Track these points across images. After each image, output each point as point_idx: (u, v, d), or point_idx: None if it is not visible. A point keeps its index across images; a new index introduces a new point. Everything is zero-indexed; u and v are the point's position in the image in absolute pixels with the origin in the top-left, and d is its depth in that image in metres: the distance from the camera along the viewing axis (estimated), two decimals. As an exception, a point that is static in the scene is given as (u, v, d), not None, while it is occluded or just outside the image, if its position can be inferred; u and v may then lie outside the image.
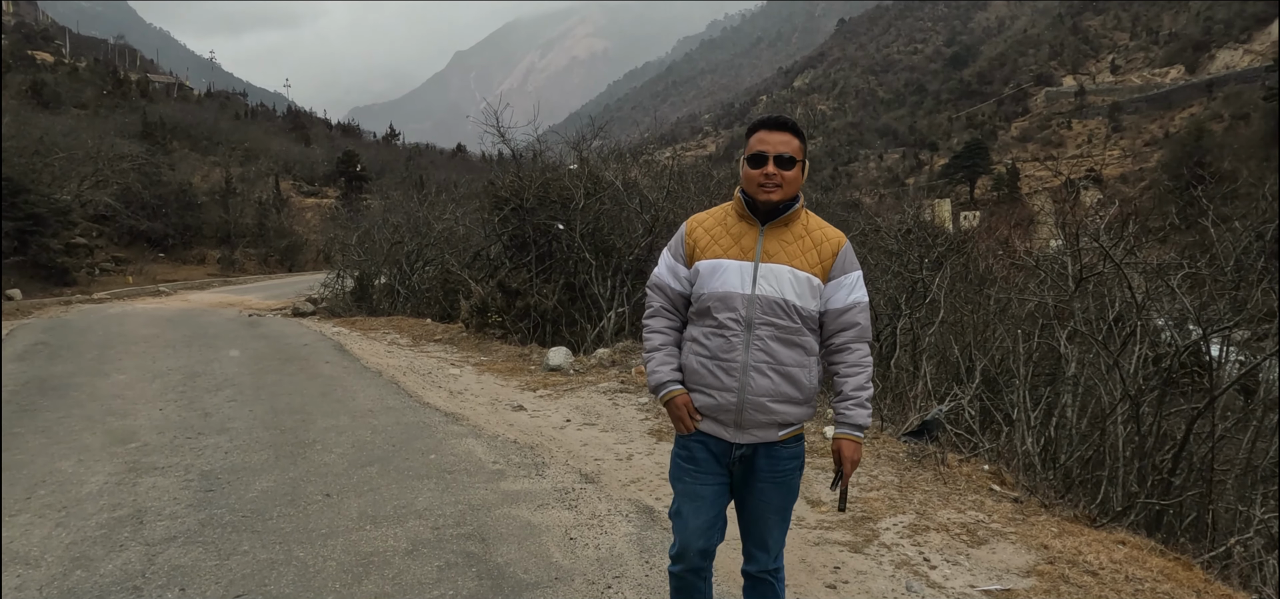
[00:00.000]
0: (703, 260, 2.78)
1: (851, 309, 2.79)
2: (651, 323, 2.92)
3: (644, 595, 4.03)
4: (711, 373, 2.73)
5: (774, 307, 2.70)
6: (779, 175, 2.70)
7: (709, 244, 2.80)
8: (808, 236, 2.78)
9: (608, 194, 14.09)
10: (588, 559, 4.47)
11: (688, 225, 2.89)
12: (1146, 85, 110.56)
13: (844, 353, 2.80)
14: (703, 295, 2.77)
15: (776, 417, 2.74)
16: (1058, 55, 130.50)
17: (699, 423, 2.80)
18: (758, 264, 2.71)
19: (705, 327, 2.76)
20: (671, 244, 2.94)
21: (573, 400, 8.61)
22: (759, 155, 2.71)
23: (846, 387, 2.80)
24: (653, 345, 2.89)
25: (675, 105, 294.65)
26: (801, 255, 2.74)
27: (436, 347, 12.87)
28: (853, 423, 2.79)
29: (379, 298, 20.37)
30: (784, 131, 2.73)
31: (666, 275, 2.91)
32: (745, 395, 2.70)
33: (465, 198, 22.12)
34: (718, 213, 2.88)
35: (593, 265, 13.53)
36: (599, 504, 5.34)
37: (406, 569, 4.38)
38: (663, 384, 2.85)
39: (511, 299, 13.77)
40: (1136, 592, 4.08)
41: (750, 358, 2.69)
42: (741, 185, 2.81)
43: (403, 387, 9.47)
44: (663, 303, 2.91)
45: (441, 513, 5.20)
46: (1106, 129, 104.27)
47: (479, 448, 6.72)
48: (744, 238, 2.76)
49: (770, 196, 2.71)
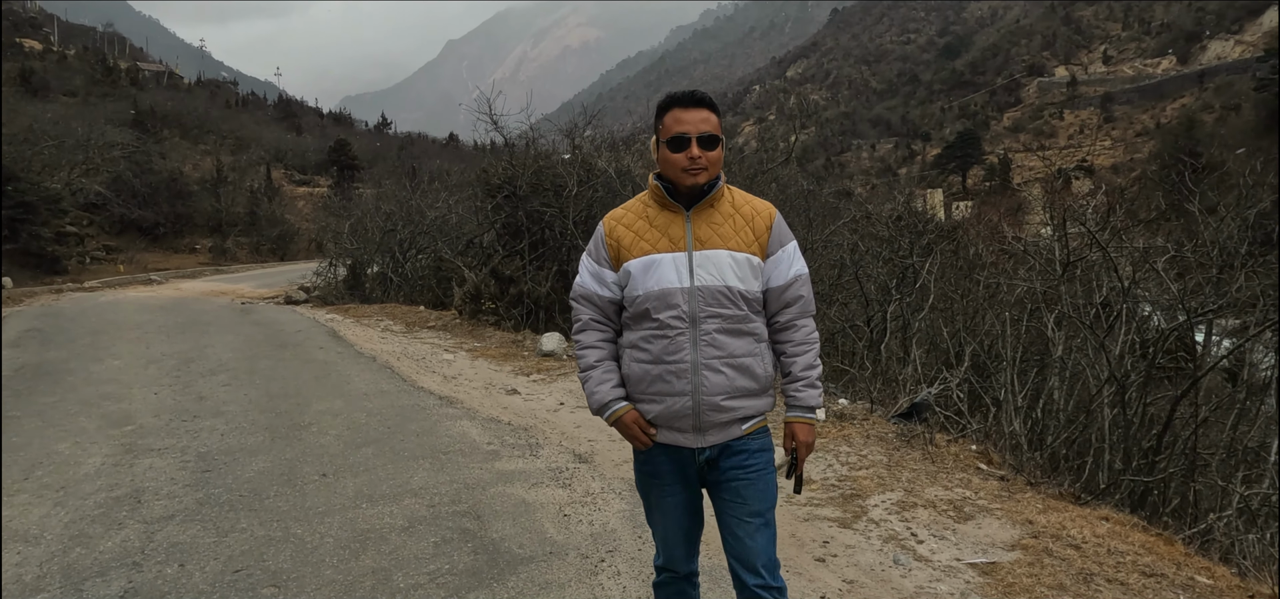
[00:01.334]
0: (631, 260, 2.54)
1: (794, 282, 2.61)
2: (582, 339, 2.66)
3: (637, 568, 4.11)
4: (660, 378, 2.51)
5: (717, 296, 2.49)
6: (703, 157, 2.48)
7: (634, 241, 2.55)
8: (737, 214, 2.57)
9: (600, 182, 14.14)
10: (581, 534, 4.55)
11: (605, 225, 2.64)
12: (1138, 76, 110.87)
13: (789, 331, 2.62)
14: (638, 298, 2.52)
15: (736, 413, 2.54)
16: (1050, 46, 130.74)
17: (655, 435, 2.58)
18: (692, 253, 2.50)
19: (645, 330, 2.53)
20: (591, 249, 2.67)
21: (566, 385, 8.68)
22: (680, 138, 2.48)
23: (795, 367, 2.62)
24: (587, 363, 2.64)
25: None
26: (736, 235, 2.54)
27: (430, 333, 12.92)
28: (805, 404, 2.62)
29: (372, 286, 20.39)
30: (701, 108, 2.52)
31: (592, 283, 2.64)
32: (700, 396, 2.49)
33: (458, 186, 22.13)
34: (634, 206, 2.64)
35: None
36: (592, 483, 5.41)
37: (403, 545, 4.45)
38: (605, 404, 2.60)
39: (505, 286, 13.82)
40: (1119, 564, 4.17)
41: (700, 356, 2.48)
42: (658, 171, 2.59)
43: (397, 371, 9.52)
44: (592, 314, 2.66)
45: (437, 491, 5.27)
46: (1098, 119, 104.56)
47: (473, 429, 6.79)
48: (671, 228, 2.53)
49: (697, 180, 2.49)
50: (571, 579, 4.00)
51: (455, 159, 52.08)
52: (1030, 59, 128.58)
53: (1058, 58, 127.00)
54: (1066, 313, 7.44)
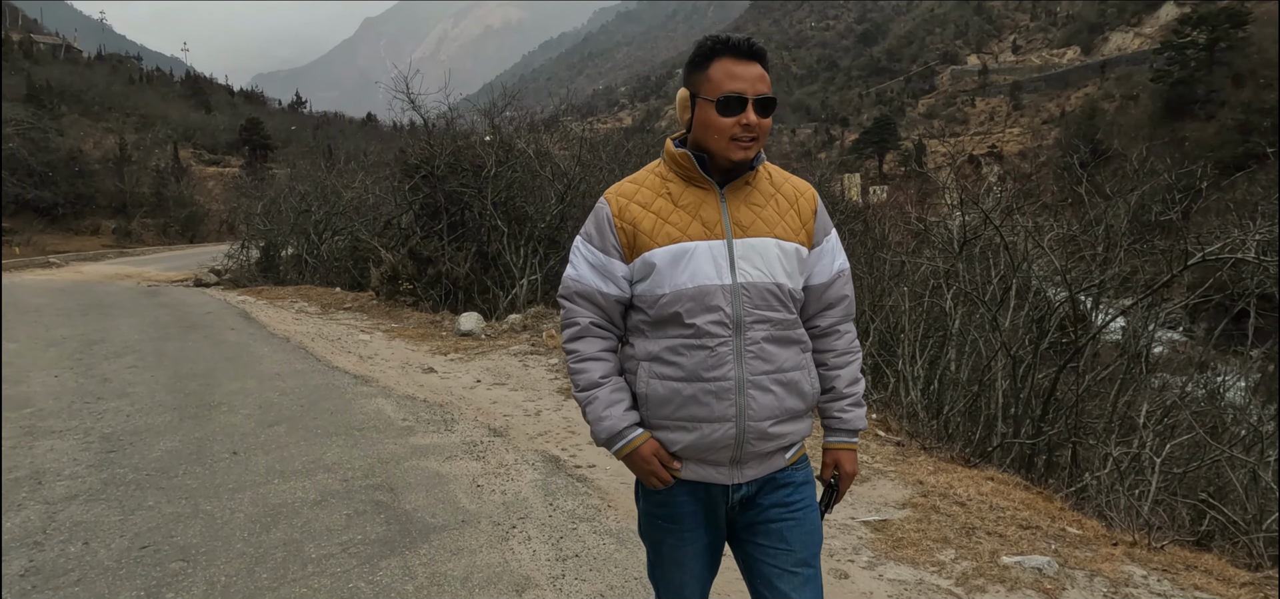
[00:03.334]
0: (655, 250, 2.01)
1: (837, 279, 2.18)
2: (580, 347, 2.11)
3: (547, 533, 4.24)
4: (694, 400, 1.99)
5: (766, 296, 2.01)
6: (758, 126, 1.99)
7: (656, 226, 2.03)
8: (779, 195, 2.11)
9: (520, 163, 14.14)
10: (494, 503, 4.65)
11: (614, 204, 2.09)
12: (1045, 65, 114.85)
13: (831, 338, 2.18)
14: (663, 297, 2.01)
15: (782, 440, 2.06)
16: (963, 35, 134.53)
17: (680, 471, 2.07)
18: (731, 241, 2.01)
19: (673, 338, 2.01)
20: (590, 234, 2.12)
21: (484, 363, 8.73)
22: (734, 99, 1.96)
23: (839, 382, 2.17)
24: (590, 379, 2.09)
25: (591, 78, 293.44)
26: (781, 220, 2.07)
27: (346, 315, 12.77)
28: (850, 428, 2.20)
29: (286, 268, 19.98)
30: (758, 62, 2.01)
31: (594, 278, 2.10)
32: (746, 422, 1.99)
33: (375, 166, 21.79)
34: (648, 180, 2.11)
35: (505, 233, 13.59)
36: (506, 455, 5.51)
37: (315, 517, 4.48)
38: (617, 432, 2.05)
39: (423, 267, 13.73)
40: (999, 519, 4.47)
41: (746, 371, 1.99)
42: (692, 137, 2.06)
43: (311, 351, 9.42)
44: (593, 317, 2.12)
45: (350, 466, 5.30)
46: (1007, 107, 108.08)
47: (388, 407, 6.81)
48: (703, 209, 2.03)
49: (748, 154, 2.00)
50: (483, 545, 4.11)
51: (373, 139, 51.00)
52: (944, 47, 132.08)
53: (970, 46, 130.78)
54: (963, 289, 7.83)
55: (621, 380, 2.10)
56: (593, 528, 4.31)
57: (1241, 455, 5.79)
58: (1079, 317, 8.34)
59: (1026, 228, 7.92)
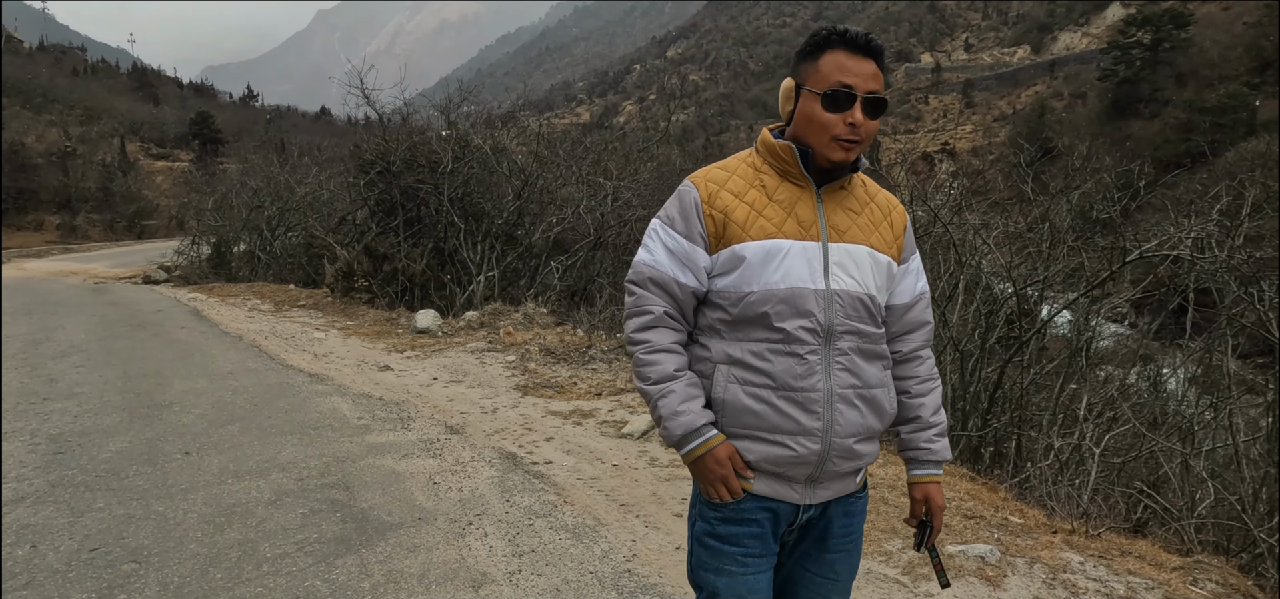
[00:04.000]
0: (746, 242, 1.88)
1: (920, 301, 2.08)
2: (653, 338, 1.96)
3: (504, 529, 4.28)
4: (780, 411, 1.86)
5: (858, 306, 1.91)
6: (865, 126, 1.88)
7: (750, 217, 1.90)
8: (873, 204, 2.02)
9: (476, 159, 14.09)
10: (451, 500, 4.67)
11: (703, 189, 1.95)
12: (996, 64, 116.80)
13: (913, 363, 2.07)
14: (751, 295, 1.88)
15: (861, 461, 1.97)
16: (917, 33, 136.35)
17: (752, 482, 1.92)
18: (826, 244, 1.90)
19: (758, 342, 1.88)
20: (672, 217, 1.97)
21: (440, 360, 8.71)
22: (843, 94, 1.85)
23: (924, 410, 2.06)
24: (663, 372, 1.93)
25: (549, 73, 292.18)
26: (875, 230, 1.97)
27: (300, 312, 12.64)
28: (939, 459, 2.08)
29: (239, 265, 19.69)
30: (873, 60, 1.90)
31: (671, 266, 1.95)
32: (831, 438, 1.87)
33: (329, 161, 21.55)
34: (741, 169, 1.98)
35: (461, 230, 13.55)
36: (463, 452, 5.53)
37: (270, 517, 4.47)
38: (693, 430, 1.89)
39: (378, 263, 13.63)
40: (944, 509, 4.60)
41: (834, 383, 1.88)
42: (793, 131, 1.94)
43: (264, 350, 9.32)
44: (666, 307, 1.96)
45: (306, 465, 5.28)
46: (960, 105, 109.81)
47: (344, 405, 6.78)
48: (799, 207, 1.91)
49: (848, 156, 1.89)
50: (439, 542, 4.14)
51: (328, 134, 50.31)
52: (898, 45, 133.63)
53: (923, 45, 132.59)
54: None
55: (696, 377, 1.95)
56: (549, 523, 4.36)
57: (1177, 446, 6.01)
58: (1024, 311, 8.58)
59: (974, 225, 8.12)
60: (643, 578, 3.75)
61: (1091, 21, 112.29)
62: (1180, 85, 63.66)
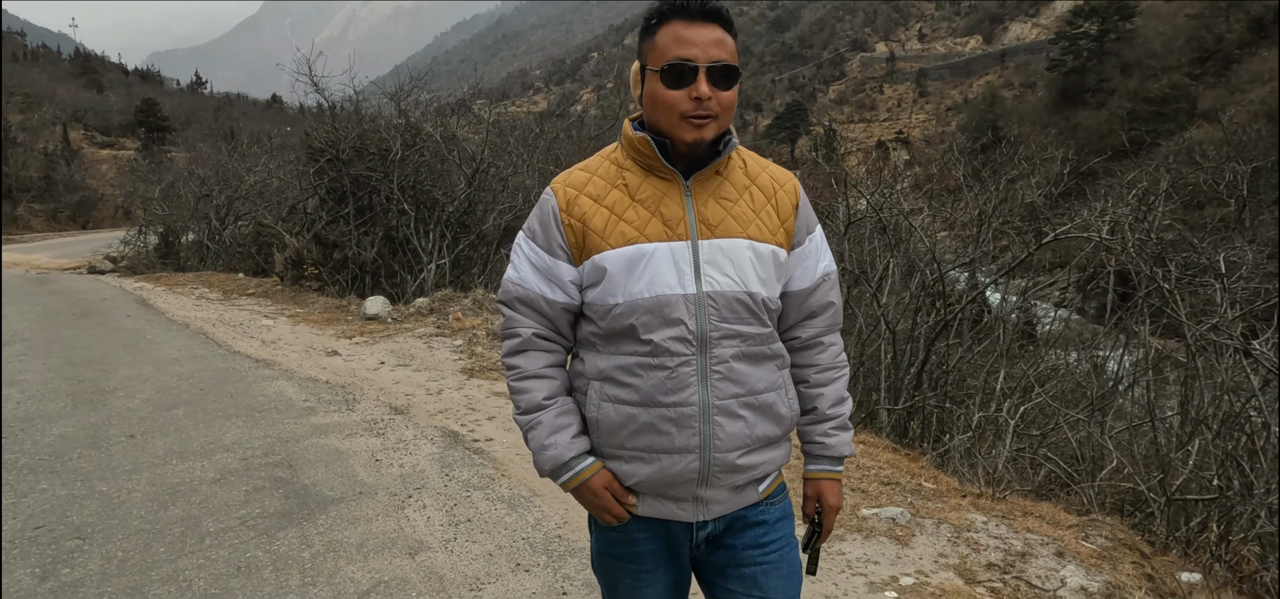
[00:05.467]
0: (606, 252, 1.74)
1: (822, 284, 1.90)
2: (522, 363, 1.85)
3: (442, 501, 4.45)
4: (652, 427, 1.74)
5: (736, 307, 1.74)
6: (715, 99, 1.69)
7: (609, 223, 1.75)
8: (755, 187, 1.82)
9: (427, 147, 14.14)
10: (392, 476, 4.83)
11: (561, 195, 1.81)
12: (949, 54, 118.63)
13: (813, 351, 1.91)
14: (616, 308, 1.74)
15: (753, 472, 1.81)
16: (871, 23, 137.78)
17: (635, 506, 1.82)
18: (697, 242, 1.74)
19: (628, 355, 1.75)
20: (534, 230, 1.84)
21: (388, 345, 8.82)
22: (682, 67, 1.68)
23: (822, 402, 1.90)
24: (533, 400, 1.83)
25: (505, 60, 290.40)
26: (755, 218, 1.79)
27: (249, 300, 12.62)
28: (835, 454, 1.92)
29: (187, 255, 19.50)
30: (714, 24, 1.71)
31: (537, 283, 1.83)
32: (711, 453, 1.74)
33: (279, 150, 21.38)
34: (601, 168, 1.83)
35: (412, 218, 13.60)
36: (406, 431, 5.68)
37: (213, 495, 4.59)
38: (564, 462, 1.80)
39: (329, 251, 13.64)
40: (864, 477, 4.87)
41: (711, 394, 1.73)
42: (644, 118, 1.79)
43: (212, 337, 9.35)
44: (536, 327, 1.84)
45: (250, 446, 5.40)
46: (914, 94, 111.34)
47: (290, 388, 6.88)
48: (664, 204, 1.75)
49: (703, 135, 1.70)
50: (379, 514, 4.30)
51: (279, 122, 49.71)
52: (853, 35, 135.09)
53: (878, 34, 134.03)
54: (846, 269, 8.29)
55: (570, 402, 1.84)
56: (486, 495, 4.54)
57: (1082, 417, 6.37)
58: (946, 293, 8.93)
59: (903, 210, 8.43)
60: (572, 542, 3.96)
61: (1041, 12, 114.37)
62: (1125, 75, 65.24)
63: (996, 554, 4.01)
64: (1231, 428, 5.54)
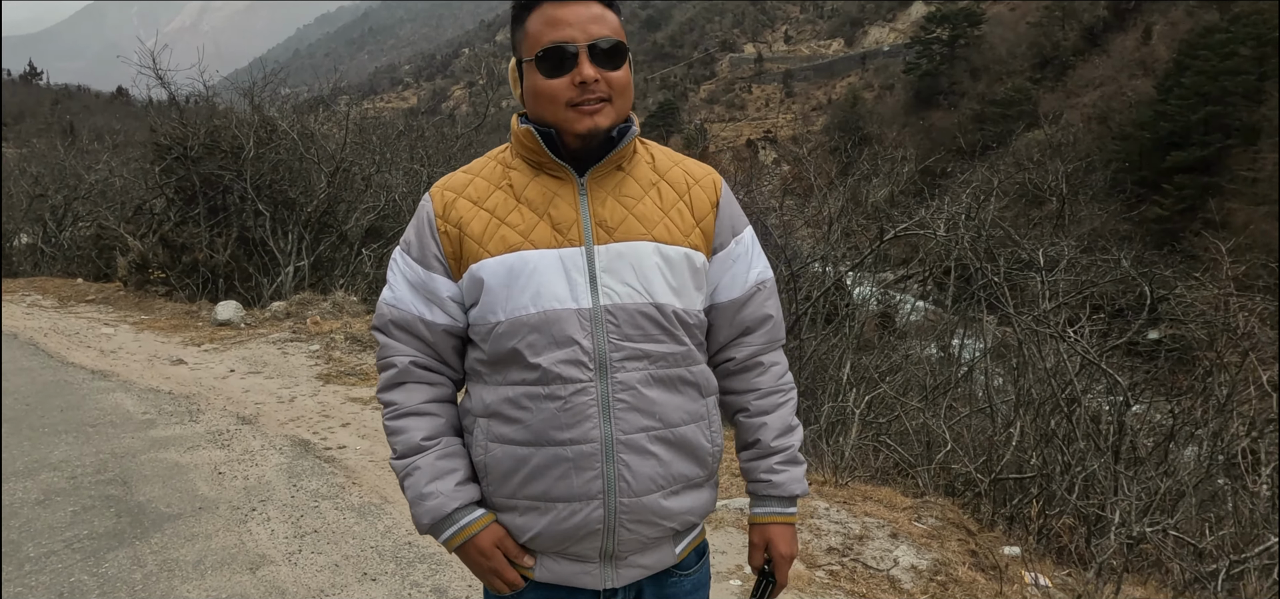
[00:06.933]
0: (485, 260, 1.51)
1: (757, 294, 1.64)
2: (396, 398, 1.59)
3: (288, 513, 4.32)
4: (545, 471, 1.49)
5: (641, 322, 1.49)
6: (603, 81, 1.48)
7: (489, 228, 1.52)
8: (664, 182, 1.58)
9: (284, 144, 13.63)
10: (235, 489, 4.66)
11: (437, 199, 1.58)
12: (814, 56, 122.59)
13: (752, 373, 1.65)
14: (499, 326, 1.50)
15: (672, 521, 1.56)
16: (740, 24, 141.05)
17: (532, 568, 1.57)
18: (593, 248, 1.50)
19: (515, 385, 1.51)
20: (409, 241, 1.61)
21: (240, 352, 8.47)
22: (559, 51, 1.47)
23: (765, 433, 1.64)
24: (410, 441, 1.56)
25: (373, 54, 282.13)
26: (664, 217, 1.55)
27: (88, 307, 11.85)
28: (784, 494, 1.65)
29: (20, 259, 18.13)
30: (590, 1, 1.50)
31: (414, 302, 1.58)
32: (617, 499, 1.49)
33: (124, 146, 20.15)
34: (487, 169, 1.60)
35: (268, 218, 13.08)
36: (253, 442, 5.48)
37: (37, 517, 4.31)
38: (444, 516, 1.53)
39: (177, 254, 12.96)
40: (725, 469, 5.02)
41: (615, 428, 1.48)
42: (527, 112, 1.56)
43: (42, 347, 8.74)
44: (414, 354, 1.59)
45: (79, 463, 5.09)
46: (781, 94, 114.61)
47: (128, 401, 6.51)
48: (554, 205, 1.52)
49: (596, 123, 1.48)
50: (219, 529, 4.14)
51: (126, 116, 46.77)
52: (722, 36, 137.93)
53: (746, 35, 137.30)
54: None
55: (456, 442, 1.58)
56: (335, 504, 4.44)
57: (918, 405, 6.76)
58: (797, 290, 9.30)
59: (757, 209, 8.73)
60: (422, 550, 3.92)
61: (897, 18, 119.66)
62: (974, 79, 69.07)
63: (836, 539, 4.21)
64: (1053, 411, 5.99)
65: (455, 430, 1.61)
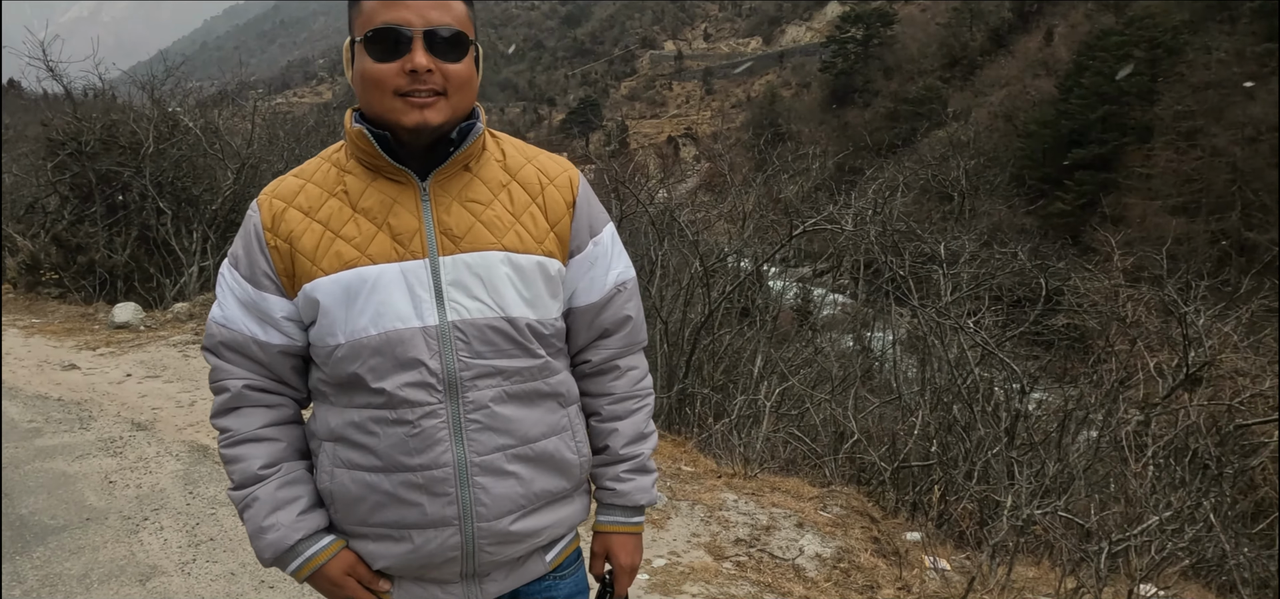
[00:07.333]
0: (319, 279, 1.39)
1: (616, 296, 1.56)
2: (231, 425, 1.47)
3: (182, 522, 4.17)
4: (396, 497, 1.41)
5: (493, 338, 1.41)
6: (440, 71, 1.35)
7: (322, 242, 1.40)
8: (516, 183, 1.48)
9: (186, 140, 13.15)
10: (126, 498, 4.47)
11: (265, 209, 1.45)
12: (733, 54, 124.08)
13: (607, 377, 1.59)
14: (338, 350, 1.40)
15: (536, 539, 1.51)
16: (660, 21, 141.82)
17: (389, 592, 1.50)
18: (437, 259, 1.39)
19: (360, 409, 1.41)
20: (237, 255, 1.47)
21: (138, 355, 8.14)
22: (390, 34, 1.34)
23: (616, 439, 1.59)
24: (247, 471, 1.45)
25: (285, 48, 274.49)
26: (515, 223, 1.44)
27: (-27, 311, 11.23)
28: (630, 503, 1.61)
29: (-103, 261, 17.08)
30: None
31: (245, 322, 1.46)
32: (475, 524, 1.42)
33: (13, 142, 19.14)
34: (320, 173, 1.47)
35: (170, 216, 12.60)
36: (148, 448, 5.27)
37: (-94, 534, 4.06)
38: (286, 549, 1.44)
39: (71, 255, 12.38)
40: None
41: (469, 450, 1.40)
42: (359, 101, 1.42)
43: (-79, 355, 8.24)
44: (249, 377, 1.47)
45: (-44, 476, 4.82)
46: (701, 92, 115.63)
47: (13, 409, 6.19)
48: (394, 213, 1.40)
49: (425, 116, 1.35)
50: (109, 541, 3.97)
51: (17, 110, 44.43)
52: (643, 32, 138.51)
53: (667, 32, 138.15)
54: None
55: (298, 467, 1.48)
56: (233, 511, 4.29)
57: (825, 397, 6.93)
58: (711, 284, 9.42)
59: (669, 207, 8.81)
60: (324, 554, 3.83)
61: (814, 17, 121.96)
62: (887, 78, 70.83)
63: (744, 530, 4.27)
64: (955, 399, 6.18)
65: (300, 453, 1.51)
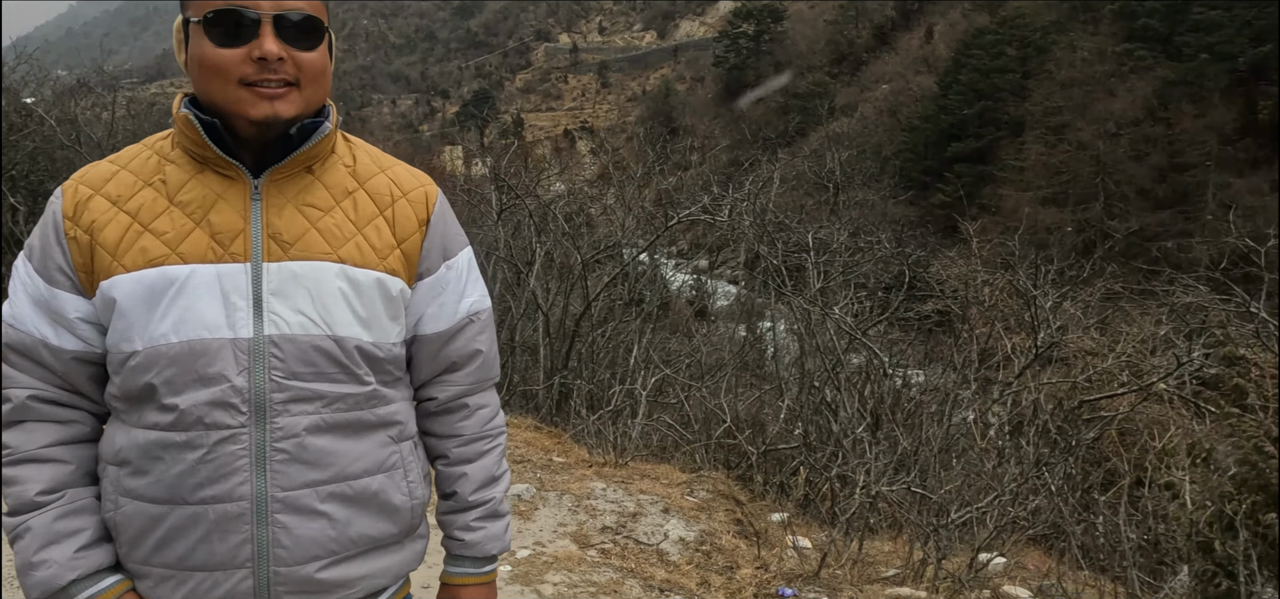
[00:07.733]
0: (118, 276, 1.23)
1: (467, 327, 1.43)
2: (14, 440, 1.27)
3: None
4: (181, 531, 1.24)
5: (315, 359, 1.26)
6: (292, 60, 1.22)
7: (129, 233, 1.25)
8: (363, 191, 1.34)
9: (40, 133, 12.43)
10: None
11: (69, 195, 1.28)
12: (628, 47, 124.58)
13: (454, 416, 1.45)
14: (134, 359, 1.23)
15: (351, 589, 1.34)
16: (554, 13, 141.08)
17: None
18: (261, 265, 1.25)
19: (151, 430, 1.24)
20: (32, 246, 1.29)
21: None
22: (237, 14, 1.20)
23: (465, 484, 1.45)
24: (23, 495, 1.25)
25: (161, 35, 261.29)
26: (357, 234, 1.31)
27: None
28: (480, 554, 1.47)
29: None
30: None
31: (35, 322, 1.27)
32: (270, 568, 1.26)
33: None
34: (139, 160, 1.30)
35: (23, 213, 11.90)
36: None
37: None
38: (56, 589, 1.24)
39: (-89, 255, 11.55)
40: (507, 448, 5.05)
41: (270, 484, 1.24)
42: (194, 87, 1.27)
43: None
44: (37, 386, 1.28)
45: None
46: (597, 85, 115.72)
47: None
48: (217, 210, 1.26)
49: (275, 109, 1.22)
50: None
51: None
52: (537, 25, 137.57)
53: (561, 25, 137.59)
54: (500, 255, 8.52)
55: (85, 494, 1.29)
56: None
57: (699, 385, 7.10)
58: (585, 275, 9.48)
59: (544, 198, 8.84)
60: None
61: (707, 11, 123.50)
62: (778, 72, 72.40)
63: (611, 518, 4.33)
64: (825, 382, 6.41)
65: (92, 477, 1.32)
